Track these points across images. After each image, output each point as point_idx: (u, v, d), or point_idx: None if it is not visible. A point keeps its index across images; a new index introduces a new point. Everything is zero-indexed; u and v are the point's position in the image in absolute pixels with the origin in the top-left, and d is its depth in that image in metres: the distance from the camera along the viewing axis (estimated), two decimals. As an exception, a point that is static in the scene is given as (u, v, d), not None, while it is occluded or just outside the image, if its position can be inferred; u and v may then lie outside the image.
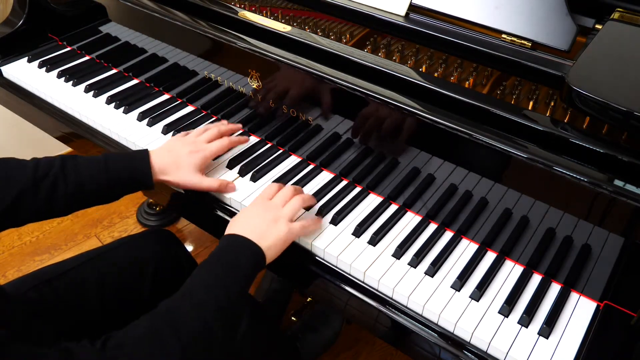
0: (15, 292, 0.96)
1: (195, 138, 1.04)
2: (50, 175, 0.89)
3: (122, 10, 1.27)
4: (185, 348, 0.71)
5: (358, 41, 1.09)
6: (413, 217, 1.00)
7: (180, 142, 1.03)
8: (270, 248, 0.85)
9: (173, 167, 0.98)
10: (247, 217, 0.89)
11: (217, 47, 1.11)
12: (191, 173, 0.99)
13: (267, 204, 0.91)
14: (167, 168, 0.98)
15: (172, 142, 1.04)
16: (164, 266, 1.10)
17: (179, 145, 1.02)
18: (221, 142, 1.05)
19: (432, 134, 0.89)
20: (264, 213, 0.89)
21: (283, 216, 0.89)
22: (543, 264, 0.89)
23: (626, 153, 0.77)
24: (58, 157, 0.93)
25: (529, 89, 0.95)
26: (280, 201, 0.92)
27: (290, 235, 0.89)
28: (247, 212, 0.91)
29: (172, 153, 1.00)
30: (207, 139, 1.04)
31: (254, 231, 0.85)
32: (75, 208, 0.94)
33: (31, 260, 1.86)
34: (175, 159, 0.99)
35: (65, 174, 0.90)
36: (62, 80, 1.33)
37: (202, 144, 1.03)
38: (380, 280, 0.88)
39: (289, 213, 0.90)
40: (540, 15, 0.92)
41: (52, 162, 0.91)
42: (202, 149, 1.02)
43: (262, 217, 0.88)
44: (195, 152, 1.01)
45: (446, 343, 0.83)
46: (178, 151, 1.00)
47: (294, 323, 1.55)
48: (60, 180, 0.90)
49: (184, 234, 1.98)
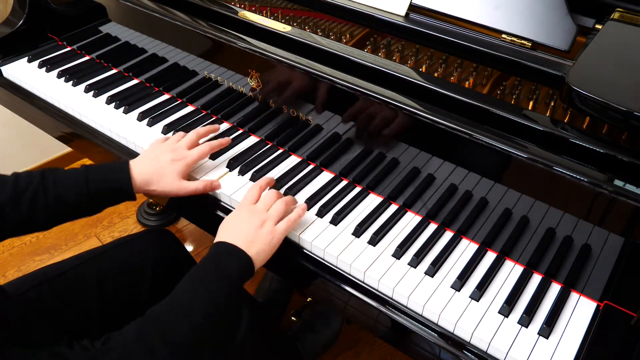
0: (15, 292, 0.97)
1: (175, 144, 1.03)
2: (30, 189, 0.89)
3: (122, 10, 1.27)
4: (173, 351, 0.71)
5: (358, 41, 1.09)
6: (413, 217, 1.00)
7: (160, 149, 1.02)
8: (259, 254, 0.86)
9: (156, 178, 0.97)
10: (235, 223, 0.90)
11: (217, 47, 1.11)
12: (175, 181, 0.98)
13: (252, 209, 0.92)
14: (150, 179, 0.97)
15: (153, 150, 1.02)
16: (164, 266, 1.10)
17: (159, 154, 1.00)
18: (202, 149, 1.04)
19: (432, 134, 0.89)
20: (249, 219, 0.89)
21: (269, 220, 0.90)
22: (543, 264, 0.89)
23: (626, 153, 0.77)
24: (38, 170, 0.92)
25: (529, 89, 0.95)
26: (264, 205, 0.92)
27: (277, 238, 0.89)
28: (234, 217, 0.91)
29: (154, 162, 0.99)
30: (187, 144, 1.03)
31: (243, 238, 0.86)
32: (57, 222, 0.93)
33: (31, 260, 1.86)
34: (158, 168, 0.98)
35: (45, 187, 0.90)
36: (62, 80, 1.33)
37: (183, 151, 1.02)
38: (380, 280, 0.88)
39: (275, 217, 0.91)
40: (540, 16, 0.92)
41: (32, 176, 0.91)
42: (184, 157, 1.01)
43: (248, 223, 0.89)
44: (177, 160, 1.00)
45: (446, 343, 0.83)
46: (160, 160, 0.99)
47: (294, 323, 1.55)
48: (40, 192, 0.89)
49: (184, 234, 1.98)
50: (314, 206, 1.00)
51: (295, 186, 1.04)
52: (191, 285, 0.80)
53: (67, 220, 0.94)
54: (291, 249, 0.95)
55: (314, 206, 1.00)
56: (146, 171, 0.97)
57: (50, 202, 0.90)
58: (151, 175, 0.97)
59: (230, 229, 0.89)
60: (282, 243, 0.95)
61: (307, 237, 0.94)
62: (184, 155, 1.01)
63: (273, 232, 0.89)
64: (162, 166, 0.98)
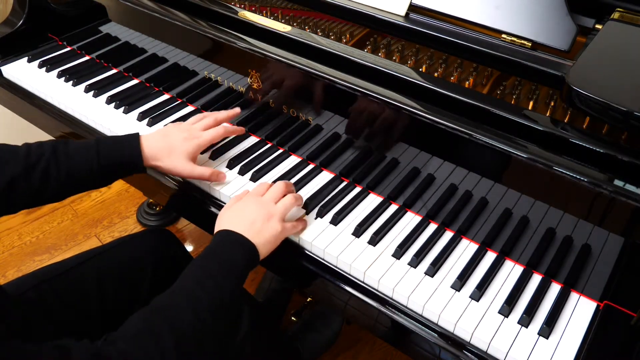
0: (15, 292, 0.97)
1: (190, 125, 1.03)
2: (42, 161, 0.89)
3: (122, 10, 1.27)
4: (179, 342, 0.71)
5: (358, 41, 1.09)
6: (413, 217, 1.00)
7: (176, 128, 1.02)
8: (265, 245, 0.85)
9: (165, 153, 0.97)
10: (240, 213, 0.88)
11: (217, 47, 1.11)
12: (183, 160, 0.98)
13: (260, 201, 0.91)
14: (159, 153, 0.97)
15: (168, 128, 1.03)
16: (163, 265, 1.10)
17: (174, 131, 1.01)
18: (216, 131, 1.03)
19: (432, 134, 0.89)
20: (257, 210, 0.88)
21: (276, 213, 0.89)
22: (543, 264, 0.89)
23: (626, 153, 0.77)
24: (49, 142, 0.93)
25: (529, 89, 0.95)
26: (272, 198, 0.91)
27: (284, 233, 0.89)
28: (239, 207, 0.90)
29: (166, 138, 0.99)
30: (203, 126, 1.03)
31: (249, 228, 0.85)
32: (68, 194, 0.94)
33: (31, 260, 1.86)
34: (168, 144, 0.98)
35: (57, 160, 0.90)
36: (62, 80, 1.33)
37: (197, 132, 1.02)
38: (380, 280, 0.88)
39: (283, 211, 0.90)
40: (540, 16, 0.92)
41: (44, 148, 0.91)
42: (197, 137, 1.00)
43: (255, 213, 0.87)
44: (190, 139, 0.99)
45: (446, 343, 0.83)
46: (172, 137, 0.99)
47: (294, 323, 1.55)
48: (52, 165, 0.89)
49: (184, 234, 1.98)
50: (314, 207, 1.00)
51: (295, 186, 1.04)
52: (197, 275, 0.79)
53: (78, 192, 0.96)
54: (291, 249, 0.95)
55: (314, 207, 1.00)
56: (156, 145, 0.97)
57: (62, 175, 0.90)
58: (160, 149, 0.97)
59: (237, 217, 0.88)
60: (282, 243, 0.95)
61: (307, 237, 0.94)
62: (196, 135, 1.01)
63: (280, 225, 0.88)
64: (173, 142, 0.98)
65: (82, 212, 2.03)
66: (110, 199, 2.08)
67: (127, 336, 0.70)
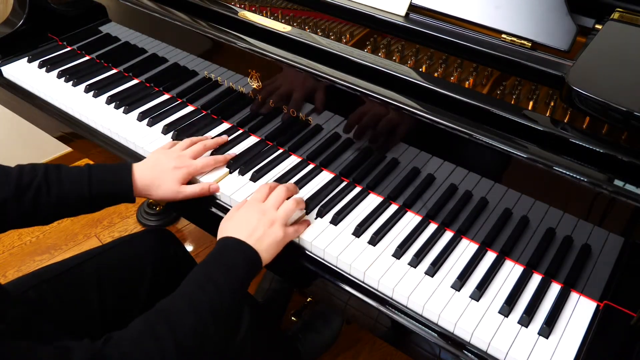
0: (16, 291, 0.97)
1: (180, 152, 1.03)
2: (33, 185, 0.90)
3: (122, 10, 1.27)
4: (180, 346, 0.71)
5: (358, 41, 1.09)
6: (413, 217, 1.00)
7: (165, 155, 1.02)
8: (267, 251, 0.86)
9: (155, 185, 0.98)
10: (242, 220, 0.89)
11: (217, 47, 1.11)
12: (173, 189, 0.98)
13: (262, 207, 0.91)
14: (150, 185, 0.98)
15: (157, 155, 1.03)
16: (163, 265, 1.10)
17: (163, 160, 1.01)
18: (207, 160, 1.04)
19: (432, 134, 0.89)
20: (259, 216, 0.88)
21: (279, 219, 0.89)
22: (543, 264, 0.89)
23: (626, 153, 0.77)
24: (42, 165, 0.93)
25: (529, 89, 0.95)
26: (273, 204, 0.92)
27: (286, 239, 0.89)
28: (242, 214, 0.90)
29: (155, 168, 0.99)
30: (193, 154, 1.04)
31: (251, 234, 0.86)
32: (57, 218, 0.95)
33: (31, 260, 1.86)
34: (158, 174, 0.98)
35: (48, 185, 0.91)
36: (62, 81, 1.33)
37: (186, 160, 1.02)
38: (380, 280, 0.88)
39: (284, 216, 0.90)
40: (540, 16, 0.92)
41: (36, 171, 0.91)
42: (187, 165, 1.01)
43: (257, 220, 0.88)
44: (179, 168, 1.00)
45: (446, 343, 0.83)
46: (162, 166, 0.99)
47: (294, 323, 1.55)
48: (43, 190, 0.90)
49: (184, 234, 1.98)
50: (314, 207, 1.00)
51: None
52: (199, 280, 0.79)
53: (67, 216, 0.97)
54: (291, 249, 0.95)
55: (314, 207, 1.00)
56: (147, 176, 0.98)
57: (52, 200, 0.91)
58: (152, 181, 0.98)
59: (239, 224, 0.88)
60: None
61: (307, 237, 0.94)
62: (187, 164, 1.01)
63: (282, 231, 0.88)
64: (163, 172, 0.99)
65: (82, 212, 2.03)
66: (110, 199, 2.08)
67: (128, 338, 0.71)
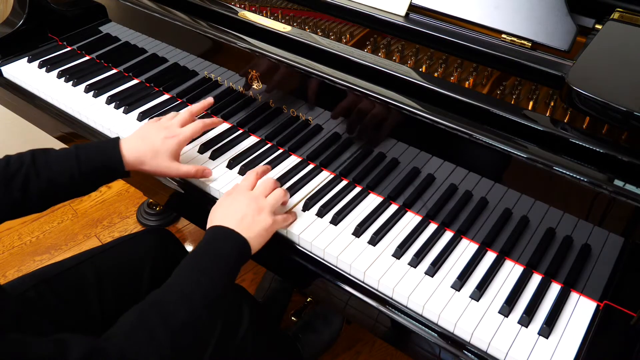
0: (15, 292, 0.97)
1: (167, 122, 1.02)
2: (21, 171, 0.89)
3: (122, 10, 1.27)
4: (174, 336, 0.72)
5: (358, 41, 1.09)
6: (413, 217, 1.00)
7: (154, 127, 1.01)
8: (256, 238, 0.86)
9: (149, 156, 0.96)
10: (231, 208, 0.89)
11: (217, 47, 1.11)
12: (168, 160, 0.98)
13: (250, 195, 0.91)
14: (143, 156, 0.96)
15: (145, 128, 1.01)
16: (162, 265, 1.10)
17: (152, 131, 0.99)
18: (195, 125, 1.02)
19: (432, 134, 0.89)
20: (248, 204, 0.89)
21: (266, 207, 0.90)
22: (543, 264, 0.89)
23: (626, 153, 0.77)
24: (28, 152, 0.92)
25: (529, 89, 0.95)
26: (261, 192, 0.92)
27: (275, 226, 0.90)
28: (230, 202, 0.91)
29: (146, 140, 0.98)
30: (180, 122, 1.02)
31: (240, 222, 0.86)
32: (51, 203, 0.94)
33: (31, 260, 1.86)
34: (150, 146, 0.97)
35: (37, 170, 0.90)
36: (62, 80, 1.33)
37: (175, 129, 1.00)
38: (380, 280, 0.88)
39: (273, 203, 0.91)
40: (540, 16, 0.92)
41: (23, 158, 0.91)
42: (177, 134, 0.99)
43: (246, 207, 0.88)
44: (170, 137, 0.98)
45: (446, 343, 0.83)
46: (152, 138, 0.98)
47: (294, 323, 1.55)
48: (32, 176, 0.89)
49: (184, 234, 1.98)
50: (314, 206, 1.00)
51: (295, 186, 1.04)
52: (189, 270, 0.80)
53: (61, 200, 0.95)
54: (291, 249, 0.95)
55: (314, 206, 1.00)
56: (138, 149, 0.96)
57: (42, 185, 0.90)
58: (144, 153, 0.96)
59: (228, 213, 0.88)
60: (282, 243, 0.95)
61: (307, 237, 0.94)
62: (176, 133, 1.00)
63: (271, 218, 0.89)
64: (154, 144, 0.97)
65: (82, 212, 2.03)
66: (110, 199, 2.08)
67: (122, 331, 0.71)
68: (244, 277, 1.81)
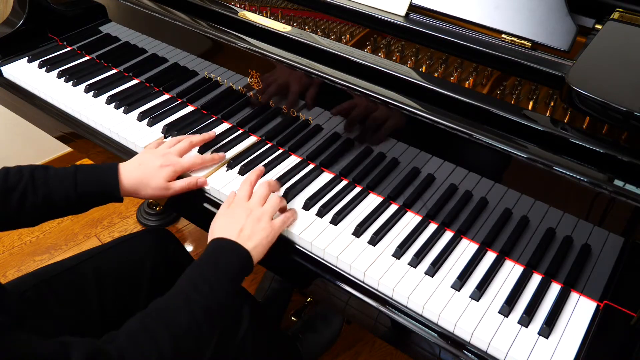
0: (15, 291, 0.96)
1: (166, 150, 1.04)
2: (20, 186, 0.91)
3: (122, 10, 1.27)
4: (176, 342, 0.73)
5: (358, 41, 1.09)
6: (413, 217, 1.00)
7: (152, 154, 1.03)
8: (256, 248, 0.87)
9: (143, 184, 0.99)
10: (230, 221, 0.91)
11: (217, 47, 1.11)
12: (160, 188, 0.99)
13: (247, 206, 0.93)
14: (137, 184, 0.98)
15: (144, 154, 1.04)
16: (162, 265, 1.10)
17: (150, 158, 1.01)
18: (194, 160, 1.05)
19: (432, 134, 0.89)
20: (245, 215, 0.90)
21: (264, 215, 0.91)
22: (543, 264, 0.89)
23: (626, 153, 0.77)
24: (28, 167, 0.94)
25: (529, 89, 0.95)
26: (257, 201, 0.94)
27: (274, 233, 0.91)
28: (228, 215, 0.92)
29: (142, 167, 1.00)
30: (179, 151, 1.04)
31: (240, 233, 0.88)
32: (43, 219, 0.96)
33: (31, 260, 1.86)
34: (144, 174, 0.99)
35: (34, 186, 0.92)
36: (62, 80, 1.33)
37: (172, 158, 1.02)
38: (380, 280, 0.88)
39: (270, 211, 0.92)
40: (540, 16, 0.92)
41: (22, 173, 0.92)
42: (173, 163, 1.01)
43: (244, 219, 0.90)
44: (166, 166, 1.00)
45: (446, 343, 0.83)
46: (148, 164, 1.00)
47: (294, 323, 1.55)
48: (29, 192, 0.91)
49: (184, 234, 1.98)
50: (313, 206, 1.00)
51: (295, 186, 1.04)
52: (193, 280, 0.81)
53: (54, 218, 0.97)
54: (291, 249, 0.95)
55: (314, 206, 1.00)
56: (134, 176, 0.98)
57: (38, 201, 0.92)
58: (140, 180, 0.99)
59: (227, 225, 0.90)
60: (282, 243, 0.95)
61: (307, 237, 0.94)
62: (173, 162, 1.02)
63: (270, 227, 0.90)
64: (150, 171, 0.99)
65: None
66: (110, 199, 2.08)
67: (125, 335, 0.72)
68: (244, 277, 1.81)
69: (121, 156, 1.16)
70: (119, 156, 1.17)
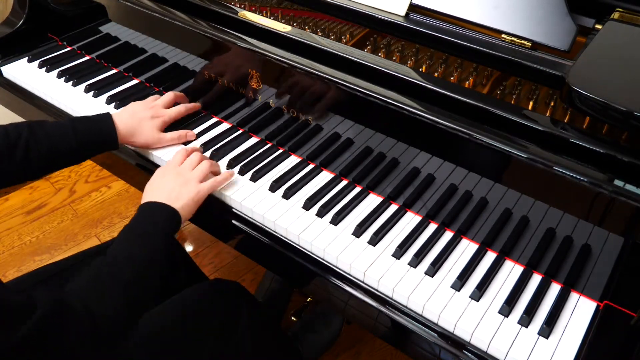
0: (15, 291, 0.96)
1: (152, 103, 1.14)
2: (21, 140, 0.96)
3: (122, 10, 1.27)
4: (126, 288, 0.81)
5: (358, 41, 1.09)
6: (413, 217, 1.00)
7: (141, 106, 1.12)
8: (184, 207, 0.94)
9: (137, 132, 1.08)
10: (161, 185, 0.98)
11: (217, 47, 1.11)
12: (154, 134, 1.10)
13: (178, 169, 1.00)
14: (133, 131, 1.08)
15: (133, 106, 1.12)
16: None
17: (140, 110, 1.11)
18: (178, 109, 1.16)
19: (432, 134, 0.89)
20: (174, 179, 0.98)
21: (193, 178, 0.98)
22: (543, 264, 0.89)
23: (626, 153, 0.77)
24: (24, 123, 0.99)
25: (529, 89, 0.95)
26: (188, 166, 1.00)
27: (201, 193, 0.97)
28: (159, 179, 0.99)
29: (134, 117, 1.09)
30: (164, 103, 1.15)
31: (168, 195, 0.95)
32: (47, 171, 1.03)
33: (31, 260, 1.86)
34: (138, 123, 1.09)
35: (36, 138, 0.98)
36: (62, 80, 1.33)
37: (160, 109, 1.13)
38: (380, 280, 0.88)
39: (199, 175, 0.99)
40: (540, 15, 0.92)
41: (21, 128, 0.97)
42: (162, 115, 1.12)
43: (174, 181, 0.97)
44: (156, 117, 1.11)
45: (446, 343, 0.83)
46: (140, 115, 1.10)
47: (294, 323, 1.55)
48: (32, 144, 0.97)
49: (184, 233, 1.98)
50: (313, 206, 1.00)
51: (295, 186, 1.04)
52: (128, 238, 0.88)
53: (56, 169, 1.05)
54: (291, 249, 0.95)
55: (314, 206, 1.00)
56: (128, 124, 1.07)
57: (43, 152, 0.98)
58: (134, 128, 1.08)
59: (156, 189, 0.97)
60: (282, 243, 0.95)
61: (307, 237, 0.94)
62: (161, 114, 1.12)
63: (196, 188, 0.97)
64: (142, 121, 1.09)
65: (82, 212, 2.03)
66: (110, 199, 2.08)
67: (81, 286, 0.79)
68: (244, 277, 1.81)
69: (121, 156, 1.16)
70: (119, 156, 1.17)
